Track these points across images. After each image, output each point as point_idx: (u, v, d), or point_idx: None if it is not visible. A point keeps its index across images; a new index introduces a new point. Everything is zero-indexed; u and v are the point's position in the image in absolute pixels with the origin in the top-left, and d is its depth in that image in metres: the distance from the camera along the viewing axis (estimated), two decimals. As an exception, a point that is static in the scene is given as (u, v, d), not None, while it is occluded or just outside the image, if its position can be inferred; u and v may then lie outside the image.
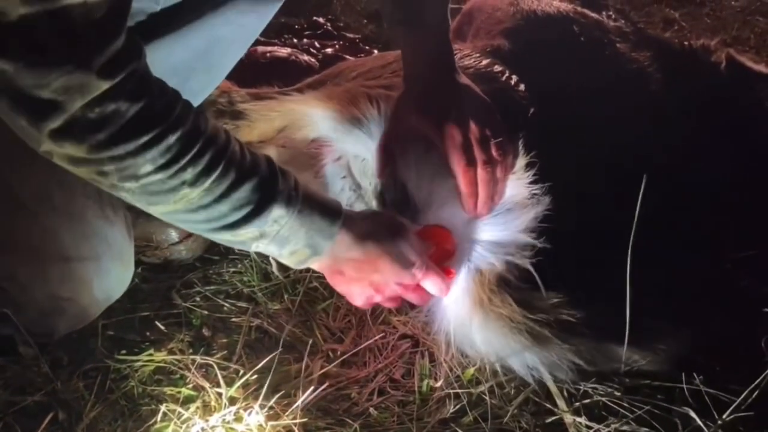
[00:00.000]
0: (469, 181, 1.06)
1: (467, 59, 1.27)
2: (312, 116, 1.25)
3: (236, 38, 1.27)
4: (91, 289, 1.02)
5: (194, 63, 1.22)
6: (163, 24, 1.18)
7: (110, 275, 1.03)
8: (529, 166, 1.13)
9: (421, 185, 1.14)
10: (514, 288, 1.09)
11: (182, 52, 1.20)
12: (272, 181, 0.87)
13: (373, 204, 1.22)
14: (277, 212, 0.87)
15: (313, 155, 1.31)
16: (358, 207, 1.25)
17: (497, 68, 1.29)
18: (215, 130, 0.84)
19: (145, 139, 0.75)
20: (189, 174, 0.79)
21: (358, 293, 1.01)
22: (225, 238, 0.89)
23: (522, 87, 1.27)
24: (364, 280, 0.98)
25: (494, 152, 1.07)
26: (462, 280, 1.10)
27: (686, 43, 1.68)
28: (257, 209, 0.85)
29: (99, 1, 0.70)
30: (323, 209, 0.92)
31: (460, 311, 1.11)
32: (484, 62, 1.29)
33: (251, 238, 0.88)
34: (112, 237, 1.03)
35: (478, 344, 1.11)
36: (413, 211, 1.15)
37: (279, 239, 0.89)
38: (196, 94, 1.30)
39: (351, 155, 1.23)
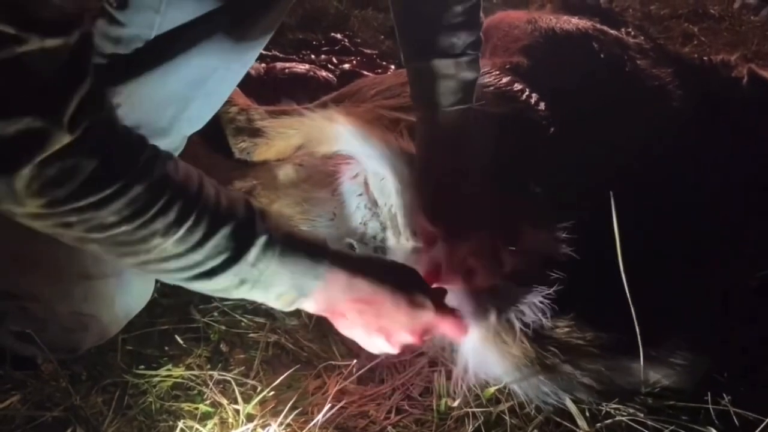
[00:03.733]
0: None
1: (487, 76, 1.27)
2: (333, 133, 1.25)
3: (233, 64, 1.26)
4: (113, 305, 1.02)
5: (191, 92, 1.21)
6: (158, 53, 1.17)
7: (132, 290, 1.03)
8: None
9: None
10: (525, 321, 1.07)
11: (177, 82, 1.19)
12: (249, 226, 0.83)
13: (389, 224, 1.22)
14: (255, 256, 0.83)
15: (329, 173, 1.31)
16: (373, 225, 1.25)
17: (517, 86, 1.28)
18: (187, 176, 0.81)
19: (106, 192, 0.72)
20: (159, 224, 0.76)
21: (366, 340, 0.95)
22: (204, 287, 0.84)
23: (542, 106, 1.26)
24: (370, 325, 0.93)
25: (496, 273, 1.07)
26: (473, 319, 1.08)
27: (706, 58, 1.67)
28: (234, 256, 0.82)
29: (59, 46, 0.66)
30: (307, 248, 0.88)
31: (473, 348, 1.10)
32: (504, 80, 1.29)
33: (231, 286, 0.84)
34: None
35: (493, 375, 1.10)
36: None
37: (262, 284, 0.85)
38: (195, 121, 1.28)
39: (370, 173, 1.23)
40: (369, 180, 1.24)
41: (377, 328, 0.92)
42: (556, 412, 1.06)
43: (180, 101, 1.18)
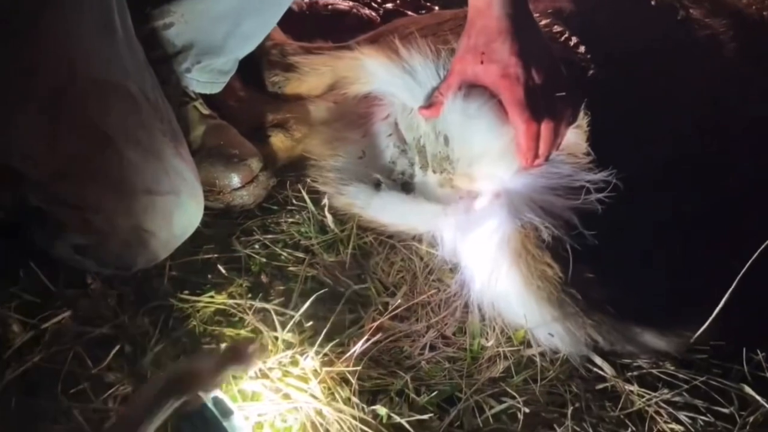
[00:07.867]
0: (530, 136, 1.05)
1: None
2: (363, 70, 1.25)
3: None
4: (171, 223, 1.04)
5: (244, 5, 1.22)
6: None
7: (188, 210, 1.05)
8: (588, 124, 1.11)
9: (468, 138, 1.13)
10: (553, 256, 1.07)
11: None
12: None
13: (416, 158, 1.23)
14: None
15: (362, 114, 1.32)
16: (401, 163, 1.27)
17: (557, 28, 1.25)
18: None
19: None
20: None
21: None
22: None
23: (582, 49, 1.23)
24: None
25: (557, 106, 1.06)
26: (505, 236, 1.09)
27: (766, 13, 1.60)
28: None
29: None
30: None
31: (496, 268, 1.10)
32: (543, 22, 1.26)
33: None
34: (187, 174, 1.06)
35: (510, 308, 1.11)
36: (453, 165, 1.16)
37: None
38: (248, 38, 1.30)
39: (399, 108, 1.23)
40: (398, 119, 1.25)
41: None
42: (586, 358, 1.08)
43: (233, 17, 1.19)
